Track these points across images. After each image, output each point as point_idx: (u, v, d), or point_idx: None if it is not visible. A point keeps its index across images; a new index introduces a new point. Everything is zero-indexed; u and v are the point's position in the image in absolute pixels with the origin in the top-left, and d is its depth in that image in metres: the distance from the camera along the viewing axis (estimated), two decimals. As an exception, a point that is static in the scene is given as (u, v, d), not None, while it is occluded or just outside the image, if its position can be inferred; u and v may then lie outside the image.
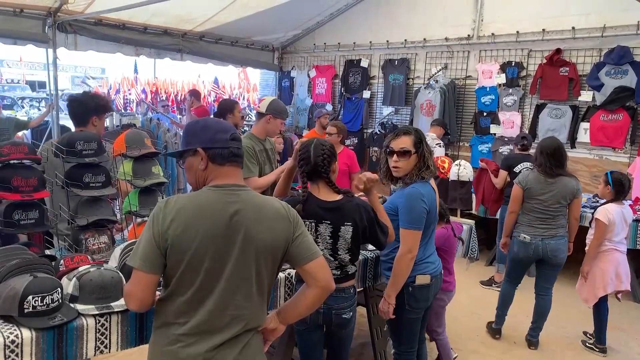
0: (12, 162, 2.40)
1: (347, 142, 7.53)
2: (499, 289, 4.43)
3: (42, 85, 25.46)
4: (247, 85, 11.98)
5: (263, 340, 1.85)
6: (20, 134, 7.26)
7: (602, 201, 4.23)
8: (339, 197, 2.43)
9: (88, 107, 3.18)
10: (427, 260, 2.71)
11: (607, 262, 3.92)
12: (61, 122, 7.13)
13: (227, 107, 5.20)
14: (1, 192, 2.32)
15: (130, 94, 11.10)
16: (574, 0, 5.91)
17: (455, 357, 3.63)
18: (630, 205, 5.22)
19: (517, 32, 6.30)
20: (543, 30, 6.10)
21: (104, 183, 2.59)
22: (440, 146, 5.94)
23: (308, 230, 2.32)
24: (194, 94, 8.47)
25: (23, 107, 14.19)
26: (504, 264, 4.68)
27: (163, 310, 1.70)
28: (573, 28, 5.86)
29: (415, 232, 2.58)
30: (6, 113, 8.68)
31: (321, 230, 2.41)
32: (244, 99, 11.90)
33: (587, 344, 4.11)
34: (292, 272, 2.68)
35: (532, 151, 4.84)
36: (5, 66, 25.34)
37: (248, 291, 1.70)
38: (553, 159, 3.76)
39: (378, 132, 7.63)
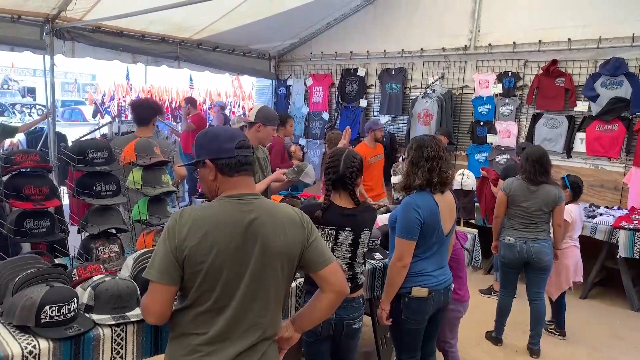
0: (23, 170, 2.38)
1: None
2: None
3: (31, 91, 25.30)
4: (242, 93, 11.99)
5: (278, 350, 1.84)
6: (15, 140, 7.17)
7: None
8: (357, 206, 2.48)
9: (151, 110, 3.83)
10: (429, 274, 2.68)
11: (568, 258, 4.28)
12: (57, 129, 7.06)
13: (281, 119, 5.47)
14: (13, 200, 2.31)
15: (125, 101, 11.06)
16: (570, 13, 6.00)
17: None
18: (626, 214, 5.31)
19: (514, 43, 6.38)
20: (539, 41, 6.19)
21: (115, 192, 2.58)
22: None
23: (328, 238, 2.39)
24: (191, 101, 8.47)
25: (15, 114, 14.08)
26: (502, 272, 4.72)
27: (180, 320, 1.69)
28: (569, 39, 5.95)
29: (406, 241, 2.59)
30: (1, 119, 8.59)
31: (341, 239, 2.43)
32: (239, 106, 11.89)
33: (548, 329, 4.45)
34: (303, 281, 2.68)
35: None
36: (-6, 72, 25.11)
37: (265, 299, 1.70)
38: (538, 165, 3.87)
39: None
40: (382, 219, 3.70)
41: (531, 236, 3.93)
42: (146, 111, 3.80)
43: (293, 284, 2.62)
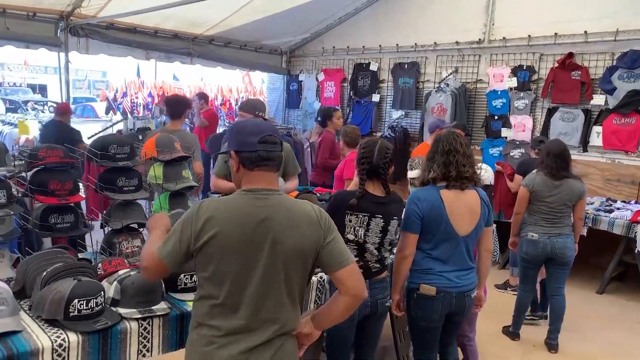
0: (47, 165, 2.41)
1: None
2: (514, 292, 4.45)
3: (42, 88, 25.48)
4: (253, 89, 12.01)
5: (298, 345, 1.85)
6: (30, 137, 7.25)
7: None
8: (387, 195, 2.55)
9: (183, 104, 4.32)
10: (438, 274, 2.63)
11: None
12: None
13: (327, 114, 5.87)
14: (38, 195, 2.33)
15: (137, 97, 11.13)
16: (586, 5, 5.93)
17: None
18: (642, 209, 5.24)
19: (529, 36, 6.32)
20: (555, 34, 6.12)
21: (137, 187, 2.60)
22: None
23: (361, 224, 2.46)
24: (203, 97, 8.47)
25: (28, 111, 14.23)
26: (517, 267, 4.69)
27: (198, 311, 1.74)
28: (585, 32, 5.88)
29: (406, 233, 2.61)
30: (16, 117, 8.69)
31: (372, 226, 2.48)
32: (250, 102, 11.95)
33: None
34: (325, 275, 2.68)
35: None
36: (6, 69, 25.29)
37: (278, 296, 1.71)
38: (560, 160, 3.83)
39: (388, 136, 7.60)
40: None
41: (554, 231, 3.88)
42: (179, 106, 4.24)
43: (314, 278, 2.63)
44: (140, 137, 4.82)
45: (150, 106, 10.76)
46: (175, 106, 4.25)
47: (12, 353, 1.69)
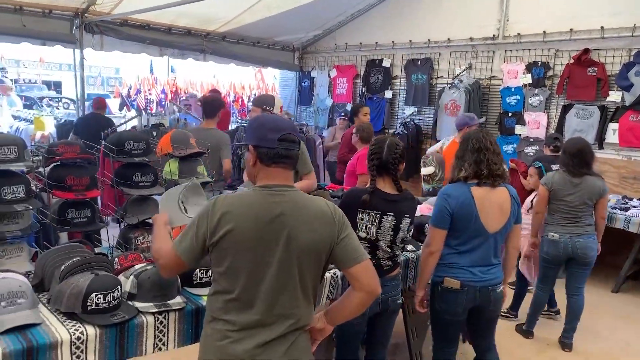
0: (64, 161, 2.43)
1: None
2: (529, 291, 4.42)
3: (57, 85, 25.75)
4: (265, 86, 12.04)
5: (311, 340, 1.86)
6: (46, 133, 7.33)
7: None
8: (399, 192, 2.54)
9: (218, 104, 4.54)
10: (464, 268, 2.64)
11: None
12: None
13: (354, 110, 6.15)
14: (55, 190, 2.36)
15: (150, 94, 11.21)
16: (603, 0, 5.85)
17: None
18: (661, 206, 5.17)
19: (544, 32, 6.25)
20: (571, 30, 6.05)
21: (153, 182, 2.62)
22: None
23: (372, 221, 2.47)
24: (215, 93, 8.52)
25: (43, 107, 14.40)
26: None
27: (212, 305, 1.76)
28: (602, 28, 5.80)
29: (434, 229, 2.63)
30: (32, 113, 8.79)
31: (384, 223, 2.48)
32: (262, 99, 12.00)
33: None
34: (338, 271, 2.69)
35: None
36: (22, 66, 25.57)
37: (293, 292, 1.72)
38: (576, 159, 3.77)
39: (400, 133, 7.58)
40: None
41: (576, 231, 3.80)
42: (213, 106, 4.47)
43: (328, 274, 2.63)
44: (155, 134, 4.86)
45: (163, 103, 10.86)
46: (209, 106, 4.48)
47: (32, 345, 1.72)
